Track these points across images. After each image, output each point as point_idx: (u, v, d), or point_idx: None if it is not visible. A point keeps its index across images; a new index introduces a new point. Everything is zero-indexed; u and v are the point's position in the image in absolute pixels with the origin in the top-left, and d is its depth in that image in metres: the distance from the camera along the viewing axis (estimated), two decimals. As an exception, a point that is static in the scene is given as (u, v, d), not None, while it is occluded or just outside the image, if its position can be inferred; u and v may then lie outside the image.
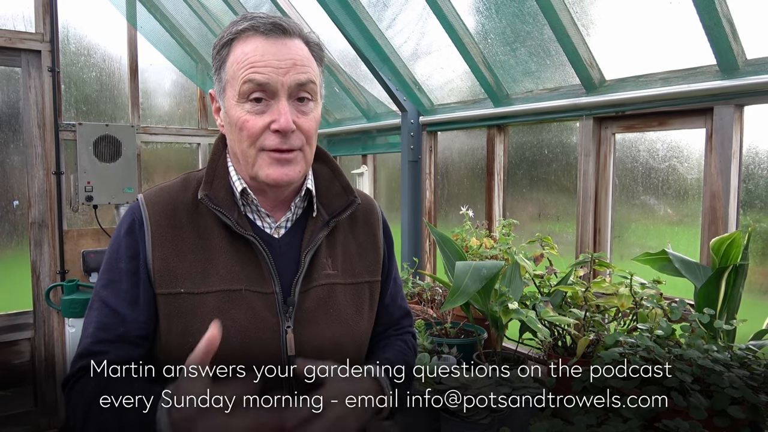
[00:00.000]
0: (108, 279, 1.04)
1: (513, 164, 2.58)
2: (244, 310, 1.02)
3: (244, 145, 1.02)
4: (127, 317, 1.01)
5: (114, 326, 1.01)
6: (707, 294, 1.58)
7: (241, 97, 1.01)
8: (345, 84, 3.33)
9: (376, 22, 2.70)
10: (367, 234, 1.20)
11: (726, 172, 1.72)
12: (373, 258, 1.18)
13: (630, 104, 1.96)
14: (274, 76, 1.00)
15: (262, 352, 1.01)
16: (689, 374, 1.30)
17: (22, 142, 3.60)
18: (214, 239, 1.05)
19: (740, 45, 1.66)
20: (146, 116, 4.09)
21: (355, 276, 1.15)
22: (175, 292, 1.01)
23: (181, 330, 1.00)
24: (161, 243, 1.03)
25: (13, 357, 3.65)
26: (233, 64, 1.02)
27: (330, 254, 1.12)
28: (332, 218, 1.12)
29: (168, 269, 1.02)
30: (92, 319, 1.03)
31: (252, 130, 1.01)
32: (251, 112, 1.01)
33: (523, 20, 2.15)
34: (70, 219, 3.76)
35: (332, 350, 1.06)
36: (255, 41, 1.02)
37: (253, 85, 1.00)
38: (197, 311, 1.01)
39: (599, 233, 2.15)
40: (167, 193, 1.08)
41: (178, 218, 1.05)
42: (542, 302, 1.84)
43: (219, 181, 1.08)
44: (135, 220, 1.05)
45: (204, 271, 1.03)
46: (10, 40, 3.46)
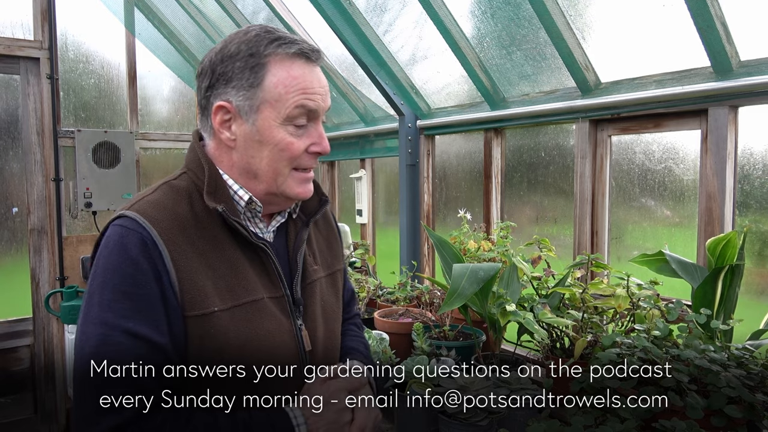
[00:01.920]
0: (130, 308, 0.92)
1: (510, 167, 2.59)
2: (268, 317, 1.04)
3: (281, 164, 1.05)
4: (166, 346, 0.93)
5: (154, 357, 0.91)
6: (704, 294, 1.58)
7: (287, 120, 1.03)
8: (343, 89, 3.34)
9: (373, 27, 2.72)
10: (327, 227, 1.29)
11: (721, 173, 1.73)
12: (337, 247, 1.29)
13: (625, 106, 1.97)
14: (321, 103, 1.06)
15: (287, 353, 1.06)
16: (686, 374, 1.31)
17: (21, 149, 3.60)
18: (227, 250, 1.03)
19: (734, 46, 1.67)
20: (145, 122, 4.11)
21: (329, 267, 1.24)
22: (209, 312, 0.97)
23: (215, 349, 0.97)
24: (184, 262, 0.97)
25: (13, 364, 3.64)
26: (278, 86, 1.02)
27: (310, 251, 1.20)
28: (310, 218, 1.19)
29: (196, 289, 0.97)
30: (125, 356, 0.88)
31: (296, 152, 1.05)
32: (294, 135, 1.04)
33: (519, 24, 2.16)
34: (69, 225, 3.77)
35: (331, 339, 1.18)
36: (301, 66, 1.04)
37: (304, 110, 1.04)
38: (230, 327, 0.98)
39: (596, 235, 2.16)
40: (163, 207, 1.01)
41: (189, 233, 1.00)
42: (540, 304, 1.84)
43: (221, 191, 1.05)
44: (144, 239, 0.95)
45: (229, 285, 1.01)
46: (9, 47, 3.47)
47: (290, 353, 1.06)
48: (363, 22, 2.69)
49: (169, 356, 0.94)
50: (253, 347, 1.00)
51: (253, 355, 0.99)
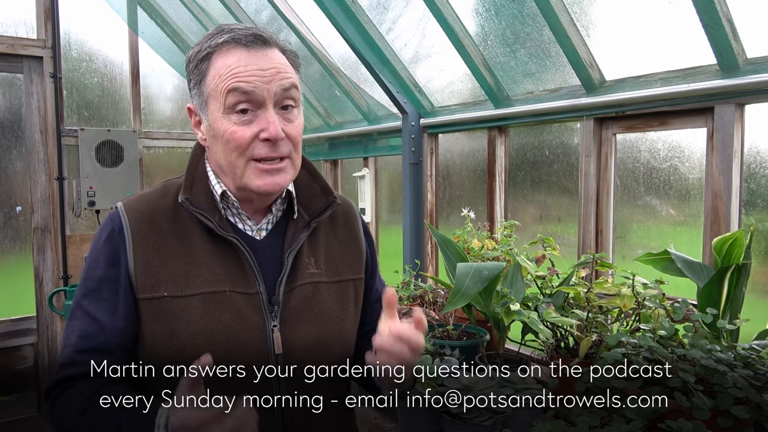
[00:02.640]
0: (87, 288, 1.05)
1: (514, 166, 2.57)
2: (229, 311, 1.03)
3: (233, 156, 1.03)
4: (107, 326, 1.02)
5: (95, 335, 1.02)
6: (710, 294, 1.57)
7: (227, 109, 1.02)
8: (346, 87, 3.33)
9: (377, 25, 2.71)
10: (347, 233, 1.22)
11: (727, 171, 1.72)
12: (356, 257, 1.21)
13: (630, 104, 1.96)
14: (259, 84, 1.01)
15: (249, 352, 1.03)
16: (692, 374, 1.30)
17: (25, 148, 3.61)
18: (196, 242, 1.06)
19: (740, 44, 1.65)
20: (148, 121, 4.10)
21: (338, 274, 1.17)
22: (158, 296, 1.02)
23: (166, 334, 1.01)
24: (142, 248, 1.04)
25: (17, 362, 3.65)
26: (215, 78, 1.03)
27: (312, 254, 1.14)
28: (313, 219, 1.14)
29: (150, 274, 1.03)
30: (74, 329, 1.03)
31: (240, 141, 1.02)
32: (238, 123, 1.01)
33: (523, 22, 2.15)
34: (73, 224, 3.77)
35: (319, 348, 1.09)
36: (237, 53, 1.03)
37: (239, 94, 1.00)
38: (182, 314, 1.01)
39: (601, 234, 2.15)
40: (147, 199, 1.09)
41: (158, 223, 1.06)
42: (544, 303, 1.83)
43: (198, 185, 1.09)
44: (114, 227, 1.06)
45: (187, 274, 1.03)
46: (12, 46, 3.47)
47: (254, 353, 1.03)
48: (366, 20, 2.68)
49: (108, 335, 1.02)
50: (206, 338, 1.00)
51: (207, 346, 0.95)
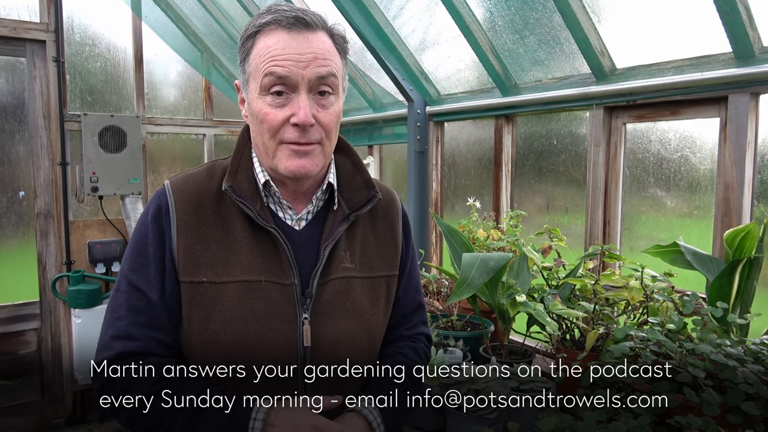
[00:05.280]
0: (137, 263, 1.06)
1: (521, 155, 2.54)
2: (262, 300, 1.04)
3: (265, 137, 1.05)
4: (156, 303, 1.04)
5: (146, 310, 1.04)
6: (720, 287, 1.54)
7: (263, 90, 1.03)
8: (351, 74, 3.29)
9: (383, 11, 2.66)
10: (386, 228, 1.20)
11: (740, 162, 1.68)
12: (391, 252, 1.19)
13: (641, 93, 1.92)
14: (294, 69, 1.01)
15: (278, 342, 1.04)
16: (702, 369, 1.27)
17: (28, 133, 3.59)
18: (236, 230, 1.07)
19: (756, 31, 1.61)
20: (151, 107, 4.07)
21: (372, 270, 1.16)
22: (197, 281, 1.04)
23: (202, 318, 1.04)
24: (186, 232, 1.06)
25: (20, 347, 3.65)
26: (256, 57, 1.04)
27: (348, 248, 1.13)
28: (353, 212, 1.13)
29: (192, 258, 1.05)
30: (122, 302, 1.05)
31: (272, 123, 1.03)
32: (272, 105, 1.02)
33: (533, 7, 2.11)
34: (76, 210, 3.76)
35: (347, 342, 1.09)
36: (277, 35, 1.03)
37: (274, 78, 1.01)
38: (218, 300, 1.04)
39: (609, 225, 2.12)
40: (193, 181, 1.10)
41: (204, 208, 1.08)
42: (550, 295, 1.81)
43: (243, 172, 1.10)
44: (161, 206, 1.07)
45: (226, 262, 1.05)
46: (15, 30, 3.44)
47: (283, 343, 1.04)
48: (372, 5, 2.64)
49: (158, 312, 1.04)
50: (239, 325, 1.03)
51: (239, 333, 1.02)
